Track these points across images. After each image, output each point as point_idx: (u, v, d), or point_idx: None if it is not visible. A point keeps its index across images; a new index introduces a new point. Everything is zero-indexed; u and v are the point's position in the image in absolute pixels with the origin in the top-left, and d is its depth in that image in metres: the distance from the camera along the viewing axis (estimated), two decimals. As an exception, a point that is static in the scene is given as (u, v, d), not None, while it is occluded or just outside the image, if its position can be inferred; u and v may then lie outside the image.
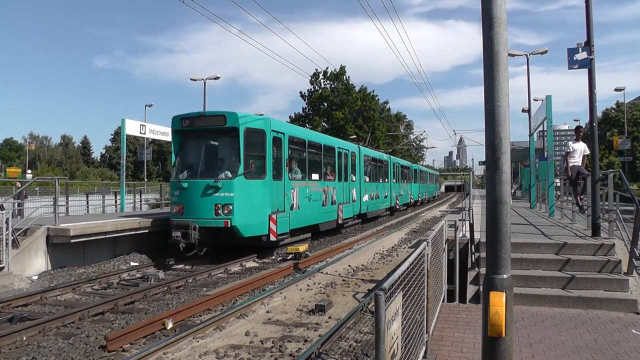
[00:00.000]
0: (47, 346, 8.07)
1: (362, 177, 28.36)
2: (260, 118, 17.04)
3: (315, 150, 21.31)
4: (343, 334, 8.09)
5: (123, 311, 10.29)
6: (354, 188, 26.71)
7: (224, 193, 15.22)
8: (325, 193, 21.81)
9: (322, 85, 74.33)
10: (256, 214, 15.81)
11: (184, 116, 16.48)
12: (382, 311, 3.65)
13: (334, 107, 71.84)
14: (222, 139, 16.49)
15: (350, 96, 72.29)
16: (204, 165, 16.10)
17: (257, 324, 8.95)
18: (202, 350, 7.59)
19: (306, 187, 19.54)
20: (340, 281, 12.66)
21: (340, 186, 24.01)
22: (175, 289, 12.24)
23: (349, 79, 74.62)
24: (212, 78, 41.22)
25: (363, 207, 28.43)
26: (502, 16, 4.41)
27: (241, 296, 11.25)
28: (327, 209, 22.11)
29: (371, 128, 72.88)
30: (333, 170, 23.34)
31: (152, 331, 8.54)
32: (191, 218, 15.21)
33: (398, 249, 18.40)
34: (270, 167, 16.50)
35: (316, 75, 72.55)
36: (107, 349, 7.70)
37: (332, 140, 24.91)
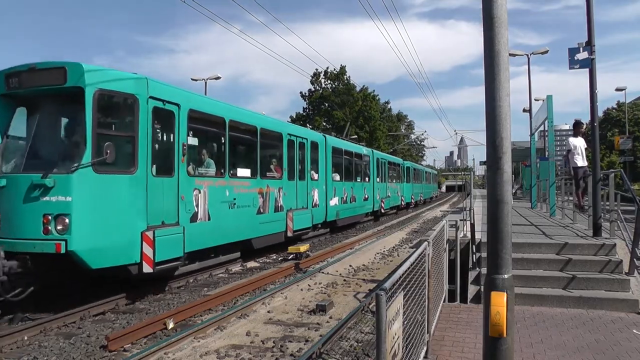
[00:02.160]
0: (48, 346, 8.07)
1: (329, 175, 22.75)
2: (130, 76, 10.77)
3: (245, 136, 15.77)
4: (344, 334, 8.10)
5: (124, 311, 10.28)
6: (316, 189, 21.09)
7: (57, 196, 9.31)
8: (264, 196, 16.17)
9: (322, 85, 74.30)
10: (115, 231, 9.97)
11: (10, 71, 10.31)
12: (383, 311, 3.66)
13: (334, 107, 71.80)
14: (61, 107, 10.64)
15: (351, 96, 72.24)
16: (31, 151, 10.28)
17: (258, 324, 8.95)
18: (203, 350, 7.60)
19: (225, 187, 13.92)
20: (342, 281, 12.67)
21: (291, 186, 18.40)
22: (176, 289, 12.23)
23: (349, 78, 74.55)
24: (213, 78, 41.23)
25: (331, 213, 22.71)
26: (502, 16, 4.40)
27: (242, 296, 11.25)
28: (267, 217, 16.33)
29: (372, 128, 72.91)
30: (280, 165, 17.77)
31: (153, 331, 8.53)
32: (8, 238, 9.43)
33: (399, 249, 18.41)
34: (147, 155, 10.74)
35: (317, 75, 72.48)
36: (108, 348, 7.70)
37: (278, 124, 18.66)
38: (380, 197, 32.86)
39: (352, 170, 27.20)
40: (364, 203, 28.99)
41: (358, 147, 29.38)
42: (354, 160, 27.46)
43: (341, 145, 25.75)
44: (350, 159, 26.87)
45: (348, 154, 26.46)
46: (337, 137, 27.98)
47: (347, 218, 25.58)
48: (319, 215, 21.39)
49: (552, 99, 17.40)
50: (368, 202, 30.08)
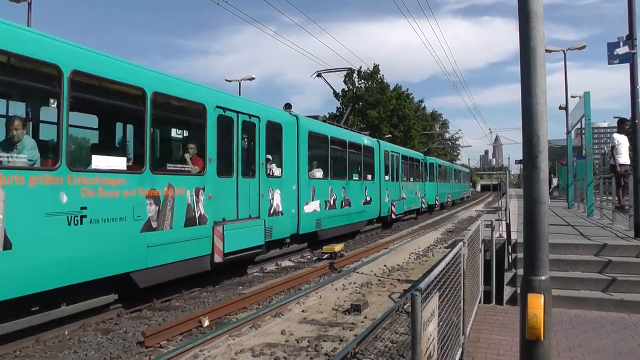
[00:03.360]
0: (87, 341, 8.28)
1: (303, 171, 16.85)
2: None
3: (118, 103, 10.39)
4: (379, 334, 8.07)
5: (160, 308, 10.44)
6: (278, 190, 14.92)
7: None
8: (160, 201, 10.19)
9: (356, 84, 74.09)
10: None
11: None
12: (419, 312, 3.63)
13: (368, 107, 71.53)
14: None
15: (385, 95, 71.90)
16: None
17: (293, 322, 8.99)
18: (238, 348, 7.66)
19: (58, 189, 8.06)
20: (376, 281, 12.63)
21: (224, 186, 12.27)
22: (211, 287, 12.36)
23: (383, 77, 74.23)
24: (247, 79, 41.40)
25: (306, 222, 16.79)
26: (538, 11, 4.34)
27: (277, 295, 11.31)
28: (167, 236, 10.37)
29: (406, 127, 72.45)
30: (201, 154, 11.70)
31: (189, 328, 8.64)
32: None
33: (434, 249, 18.29)
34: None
35: (350, 74, 72.33)
36: (145, 344, 7.84)
37: (199, 91, 11.84)
38: (390, 199, 26.79)
39: (345, 166, 20.93)
40: (363, 207, 22.72)
41: (355, 136, 22.89)
42: (348, 152, 20.98)
43: (325, 130, 19.18)
44: (341, 151, 20.63)
45: (338, 143, 20.11)
46: (330, 124, 21.37)
47: (335, 228, 19.41)
48: (284, 226, 15.20)
49: (590, 96, 17.03)
50: (371, 206, 23.76)
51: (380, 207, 25.32)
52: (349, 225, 21.13)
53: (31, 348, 7.95)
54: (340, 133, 20.91)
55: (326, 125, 20.06)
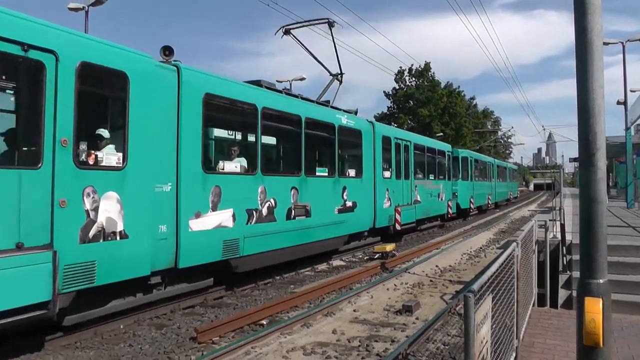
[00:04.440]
0: (141, 335, 8.57)
1: (188, 164, 10.00)
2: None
3: None
4: (430, 335, 7.99)
5: (212, 305, 10.65)
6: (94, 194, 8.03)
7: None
8: None
9: (407, 82, 73.54)
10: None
11: None
12: (472, 314, 3.57)
13: (419, 105, 70.85)
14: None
15: (436, 93, 71.04)
16: None
17: (344, 322, 9.00)
18: (290, 346, 7.72)
19: None
20: (428, 282, 12.51)
21: None
22: (263, 285, 12.52)
23: (434, 75, 73.36)
24: (298, 79, 41.54)
25: (190, 249, 9.82)
26: (596, 1, 4.19)
27: (328, 294, 11.35)
28: None
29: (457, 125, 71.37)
30: None
31: (241, 325, 8.78)
32: None
33: (486, 250, 17.98)
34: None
35: (401, 72, 71.84)
36: (198, 340, 8.01)
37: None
38: (393, 203, 19.68)
39: (298, 156, 14.01)
40: (341, 217, 15.62)
41: (323, 110, 15.43)
42: (303, 133, 13.86)
43: (250, 97, 12.09)
44: (294, 132, 13.92)
45: (284, 120, 13.58)
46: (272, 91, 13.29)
47: (275, 253, 12.57)
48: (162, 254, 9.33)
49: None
50: (356, 215, 16.55)
51: (374, 215, 18.04)
52: (312, 243, 14.09)
53: (89, 340, 8.29)
54: (284, 103, 13.33)
55: (255, 90, 12.41)
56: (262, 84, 12.91)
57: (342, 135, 16.04)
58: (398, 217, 19.81)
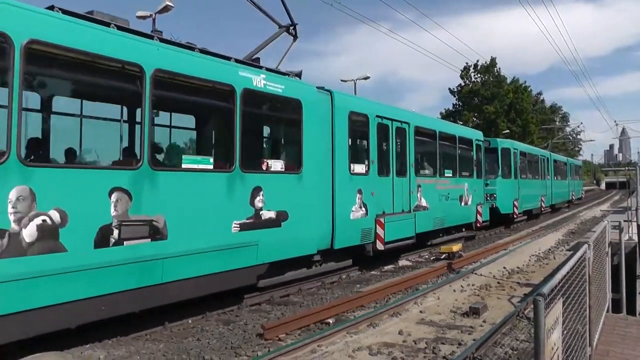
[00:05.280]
0: (209, 330, 8.86)
1: None
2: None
3: None
4: (498, 339, 7.87)
5: (279, 303, 10.87)
6: None
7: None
8: None
9: (472, 79, 72.07)
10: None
11: None
12: (542, 318, 3.52)
13: (484, 101, 69.26)
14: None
15: (502, 89, 69.27)
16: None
17: (411, 323, 8.98)
18: (356, 345, 7.77)
19: None
20: (495, 283, 12.30)
21: None
22: (329, 284, 12.64)
23: (499, 70, 71.49)
24: (362, 78, 41.47)
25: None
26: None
27: (394, 294, 11.34)
28: None
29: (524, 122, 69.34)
30: None
31: (307, 324, 8.89)
32: None
33: (555, 252, 17.48)
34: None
35: (466, 69, 70.40)
36: (264, 337, 8.18)
37: None
38: (370, 211, 13.83)
39: (136, 133, 9.54)
40: (248, 237, 10.01)
41: (202, 62, 9.43)
42: (150, 95, 8.27)
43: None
44: (125, 91, 9.14)
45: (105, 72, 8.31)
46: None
47: (63, 309, 7.07)
48: None
49: None
50: (286, 231, 10.94)
51: (333, 229, 12.49)
52: (136, 293, 8.04)
53: (159, 333, 8.66)
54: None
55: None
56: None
57: (256, 106, 10.93)
58: (380, 232, 13.92)
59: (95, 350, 7.68)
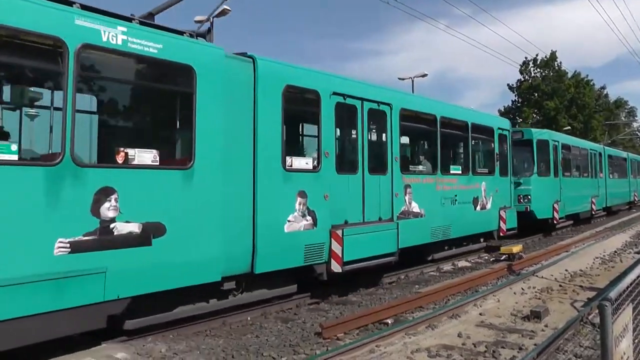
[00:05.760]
0: (268, 327, 9.03)
1: None
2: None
3: None
4: (561, 345, 7.67)
5: (337, 302, 10.95)
6: None
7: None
8: None
9: (531, 74, 70.06)
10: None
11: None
12: (609, 325, 3.43)
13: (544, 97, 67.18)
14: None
15: (562, 83, 66.99)
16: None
17: (470, 325, 8.88)
18: (414, 347, 7.75)
19: None
20: (557, 286, 12.00)
21: None
22: (388, 284, 12.66)
23: (560, 64, 69.08)
24: (420, 76, 41.08)
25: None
26: None
27: (453, 296, 11.24)
28: None
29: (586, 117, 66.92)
30: None
31: (365, 323, 8.91)
32: None
33: (621, 254, 16.86)
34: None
35: (525, 64, 68.42)
36: (322, 336, 8.24)
37: None
38: (321, 221, 10.50)
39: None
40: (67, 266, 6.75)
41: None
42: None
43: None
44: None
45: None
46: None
47: None
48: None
49: None
50: (161, 251, 7.78)
51: (254, 248, 9.29)
52: None
53: (218, 329, 8.89)
54: None
55: None
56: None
57: (106, 69, 8.17)
58: (337, 249, 10.56)
59: (156, 343, 7.94)
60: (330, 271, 10.57)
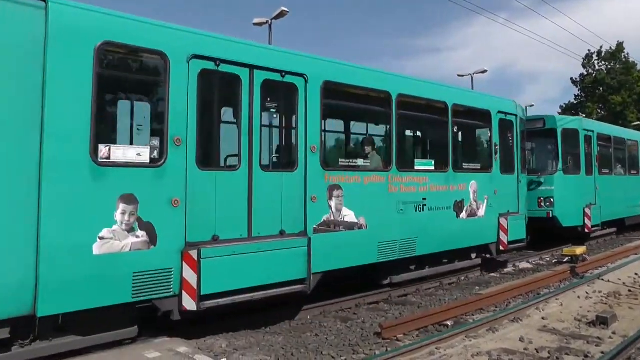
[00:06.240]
0: (327, 326, 9.11)
1: None
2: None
3: None
4: (632, 355, 7.39)
5: (396, 302, 10.92)
6: None
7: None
8: None
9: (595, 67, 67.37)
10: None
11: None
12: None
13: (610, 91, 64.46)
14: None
15: (630, 76, 63.95)
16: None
17: (532, 330, 8.69)
18: (475, 350, 7.65)
19: None
20: (625, 291, 11.55)
21: None
22: (448, 285, 12.56)
23: (628, 56, 65.93)
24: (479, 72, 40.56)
25: None
26: None
27: (514, 298, 11.03)
28: None
29: None
30: None
31: (425, 325, 8.87)
32: None
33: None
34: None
35: (589, 57, 65.80)
36: (382, 336, 8.24)
37: None
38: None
39: None
40: None
41: None
42: None
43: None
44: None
45: None
46: None
47: None
48: None
49: None
50: None
51: (37, 281, 6.34)
52: None
53: (278, 327, 9.07)
54: None
55: None
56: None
57: None
58: (192, 279, 7.58)
59: (217, 339, 8.14)
60: (184, 310, 7.59)
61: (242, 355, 7.48)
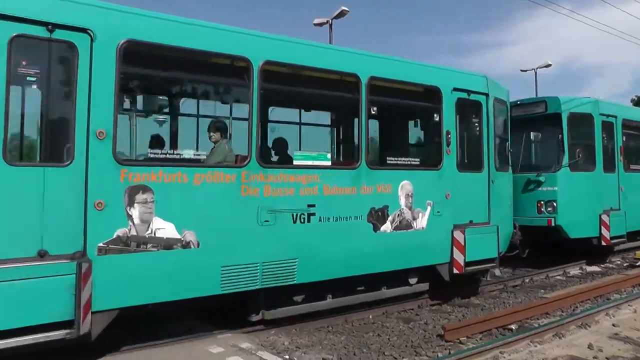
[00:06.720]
0: (389, 326, 9.05)
1: None
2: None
3: None
4: None
5: (459, 304, 10.76)
6: None
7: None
8: None
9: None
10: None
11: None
12: None
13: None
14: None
15: None
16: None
17: (602, 337, 8.39)
18: (540, 356, 7.46)
19: None
20: None
21: None
22: (512, 287, 12.32)
23: None
24: (543, 66, 39.25)
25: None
26: None
27: (581, 303, 10.68)
28: None
29: None
30: None
31: (489, 328, 8.71)
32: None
33: None
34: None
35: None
36: (445, 338, 8.13)
37: None
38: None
39: None
40: None
41: None
42: None
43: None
44: None
45: None
46: None
47: None
48: None
49: None
50: None
51: None
52: None
53: (340, 326, 9.05)
54: None
55: None
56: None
57: None
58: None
59: (279, 336, 8.24)
60: None
61: (304, 354, 7.55)
